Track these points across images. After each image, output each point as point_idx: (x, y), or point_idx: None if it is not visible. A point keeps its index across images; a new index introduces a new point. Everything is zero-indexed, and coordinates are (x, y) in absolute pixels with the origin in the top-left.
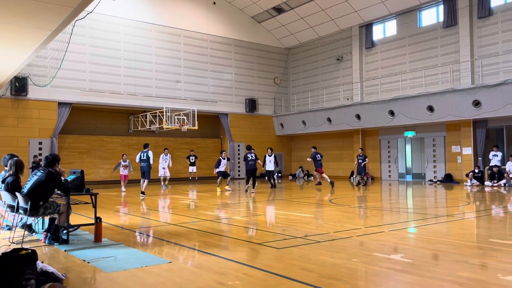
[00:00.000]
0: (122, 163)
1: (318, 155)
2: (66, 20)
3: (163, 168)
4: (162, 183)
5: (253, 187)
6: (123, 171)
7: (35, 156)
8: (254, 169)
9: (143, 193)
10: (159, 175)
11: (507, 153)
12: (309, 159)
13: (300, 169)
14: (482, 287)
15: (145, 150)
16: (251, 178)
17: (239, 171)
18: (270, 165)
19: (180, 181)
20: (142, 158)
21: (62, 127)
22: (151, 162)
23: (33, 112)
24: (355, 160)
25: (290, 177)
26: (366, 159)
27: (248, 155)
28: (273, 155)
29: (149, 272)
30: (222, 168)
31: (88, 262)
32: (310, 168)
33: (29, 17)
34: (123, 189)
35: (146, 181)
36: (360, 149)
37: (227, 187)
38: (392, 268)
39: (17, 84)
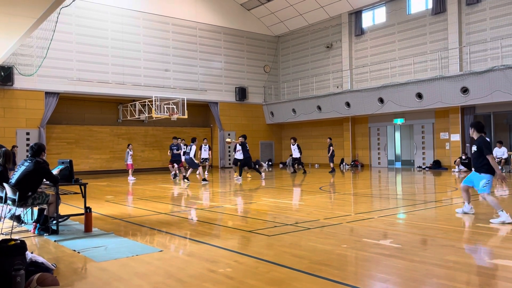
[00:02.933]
0: (130, 152)
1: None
2: (51, 7)
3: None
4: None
5: (240, 175)
6: (130, 161)
7: (14, 147)
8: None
9: (187, 178)
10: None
11: (494, 139)
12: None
13: (291, 157)
14: (469, 271)
15: (191, 144)
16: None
17: (229, 159)
18: (295, 153)
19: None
20: (186, 151)
21: (50, 117)
22: (192, 155)
23: (20, 102)
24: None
25: (281, 166)
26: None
27: (246, 145)
28: (296, 143)
29: (140, 261)
30: (239, 155)
31: (79, 252)
32: (301, 156)
33: (12, 4)
34: (130, 178)
35: (190, 169)
36: (329, 139)
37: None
38: (381, 253)
39: (2, 73)
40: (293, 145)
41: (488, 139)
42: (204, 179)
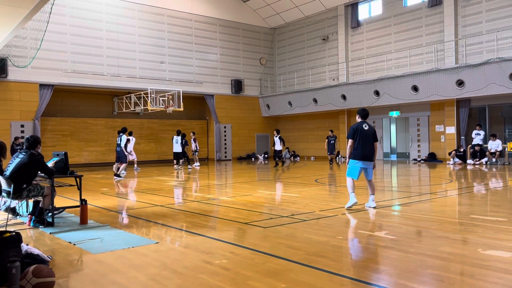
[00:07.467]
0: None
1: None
2: None
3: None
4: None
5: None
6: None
7: (17, 138)
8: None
9: (117, 175)
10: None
11: (489, 132)
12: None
13: (287, 150)
14: (463, 261)
15: (120, 135)
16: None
17: (225, 151)
18: (278, 145)
19: (166, 163)
20: (118, 142)
21: (45, 110)
22: (122, 146)
23: (14, 94)
24: (325, 140)
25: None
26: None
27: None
28: (279, 135)
29: (136, 252)
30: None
31: (74, 244)
32: (297, 149)
33: None
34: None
35: (123, 164)
36: (330, 131)
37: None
38: (376, 245)
39: None
40: (275, 136)
41: (355, 125)
42: (117, 175)
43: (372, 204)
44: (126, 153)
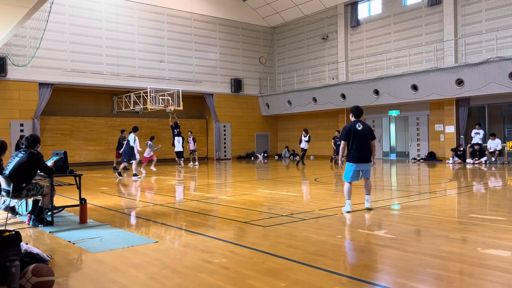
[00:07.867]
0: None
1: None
2: None
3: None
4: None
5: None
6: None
7: (22, 137)
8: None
9: (134, 174)
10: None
11: (488, 131)
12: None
13: (286, 149)
14: (462, 260)
15: (130, 133)
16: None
17: (225, 151)
18: (305, 144)
19: (167, 162)
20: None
21: (44, 109)
22: (131, 144)
23: (13, 93)
24: (332, 141)
25: (276, 157)
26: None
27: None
28: (308, 135)
29: (135, 252)
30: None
31: (74, 243)
32: (297, 148)
33: None
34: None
35: (126, 163)
36: (337, 132)
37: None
38: (376, 244)
39: None
40: (305, 136)
41: (348, 126)
42: (135, 174)
43: (367, 205)
44: (137, 150)
